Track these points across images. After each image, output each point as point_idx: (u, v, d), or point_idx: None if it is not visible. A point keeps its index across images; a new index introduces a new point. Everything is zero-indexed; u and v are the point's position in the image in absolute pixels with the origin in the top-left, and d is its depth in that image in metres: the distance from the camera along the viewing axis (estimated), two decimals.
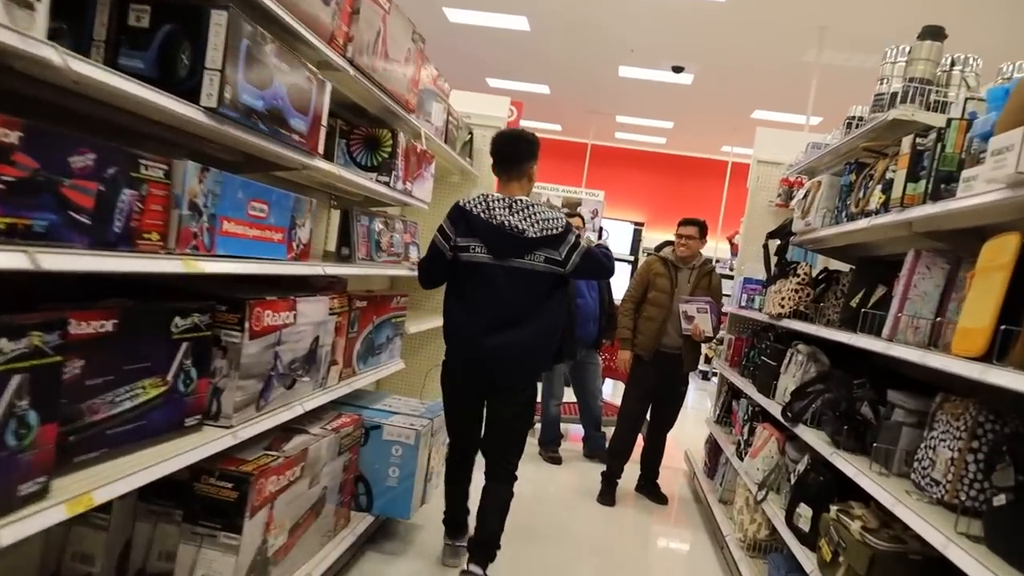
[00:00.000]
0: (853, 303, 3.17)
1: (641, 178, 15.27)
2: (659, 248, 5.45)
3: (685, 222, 5.24)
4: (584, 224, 5.95)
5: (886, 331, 2.65)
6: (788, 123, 12.18)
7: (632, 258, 13.81)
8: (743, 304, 5.02)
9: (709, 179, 14.56)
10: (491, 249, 3.41)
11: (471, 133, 5.63)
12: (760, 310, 4.55)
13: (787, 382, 3.73)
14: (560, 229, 3.43)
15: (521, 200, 3.46)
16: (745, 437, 4.33)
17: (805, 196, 3.73)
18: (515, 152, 3.55)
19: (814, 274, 3.88)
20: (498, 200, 3.46)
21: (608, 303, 5.99)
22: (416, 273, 3.86)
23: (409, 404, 4.13)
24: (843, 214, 3.30)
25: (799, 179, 5.45)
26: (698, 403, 9.26)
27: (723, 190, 13.33)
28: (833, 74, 9.19)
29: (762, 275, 5.38)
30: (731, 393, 5.30)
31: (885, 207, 2.85)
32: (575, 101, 12.89)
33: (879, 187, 2.90)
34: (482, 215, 3.44)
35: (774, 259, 4.33)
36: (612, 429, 5.44)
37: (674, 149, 15.18)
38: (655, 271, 5.33)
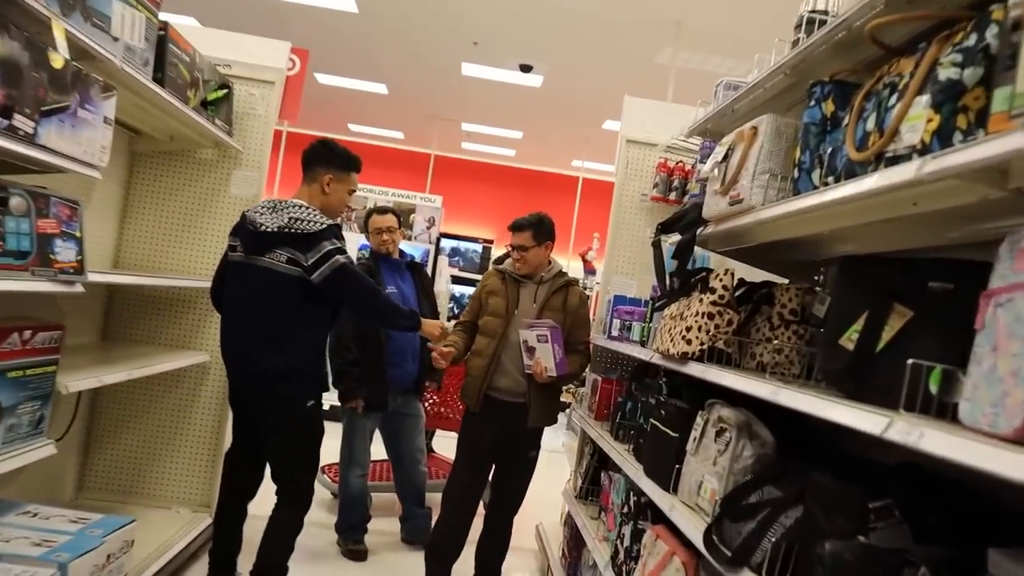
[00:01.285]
0: (847, 339, 1.56)
1: (490, 192, 13.67)
2: (500, 260, 3.74)
3: (515, 226, 3.54)
4: (400, 228, 4.16)
5: (967, 410, 1.03)
6: None
7: (479, 278, 12.14)
8: (614, 334, 3.38)
9: (560, 194, 13.17)
10: (244, 246, 3.06)
11: (228, 88, 3.70)
12: (643, 343, 2.92)
13: (702, 470, 2.08)
14: (311, 229, 2.95)
15: (288, 201, 3.06)
16: (626, 542, 2.65)
17: (725, 158, 2.11)
18: (307, 155, 3.21)
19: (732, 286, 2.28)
20: (273, 201, 3.09)
21: None
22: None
23: (60, 518, 2.17)
24: (818, 172, 1.69)
25: (679, 164, 3.88)
26: (557, 461, 6.66)
27: (574, 206, 11.96)
28: (690, 79, 7.93)
29: (635, 292, 3.76)
30: (598, 458, 3.65)
31: (940, 136, 1.26)
32: (416, 104, 11.11)
33: (926, 99, 1.31)
34: (247, 213, 3.10)
35: (670, 266, 2.65)
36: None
37: (524, 163, 13.71)
38: (488, 288, 3.60)
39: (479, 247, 12.99)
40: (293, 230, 2.92)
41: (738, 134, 2.08)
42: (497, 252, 13.37)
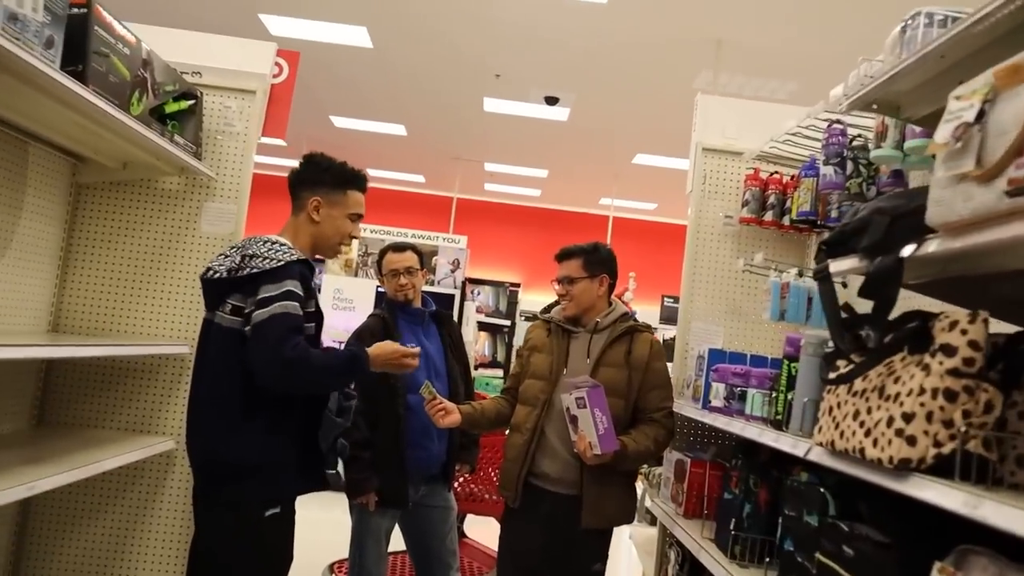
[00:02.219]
0: None
1: (515, 235, 12.75)
2: (548, 308, 2.79)
3: (562, 254, 2.65)
4: (423, 269, 3.22)
5: None
6: (675, 168, 10.04)
7: (508, 324, 11.16)
8: (714, 404, 2.34)
9: (589, 234, 12.13)
10: (204, 300, 2.23)
11: (194, 98, 2.81)
12: (778, 424, 1.88)
13: None
14: (263, 267, 2.05)
15: (257, 237, 2.19)
16: None
17: (979, 119, 1.14)
18: (290, 178, 2.32)
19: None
20: (245, 240, 2.23)
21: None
22: None
23: None
24: None
25: (774, 176, 2.91)
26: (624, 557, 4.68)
27: None
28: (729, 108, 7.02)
29: (721, 342, 2.77)
30: (691, 568, 2.61)
31: None
32: (437, 144, 10.29)
33: None
34: None
35: (846, 310, 1.59)
36: None
37: (550, 203, 12.80)
38: (531, 343, 2.65)
39: (504, 291, 12.05)
40: (243, 271, 2.08)
41: (1009, 72, 1.11)
42: (525, 296, 12.42)
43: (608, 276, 2.62)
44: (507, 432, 2.65)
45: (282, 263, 2.05)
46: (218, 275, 2.11)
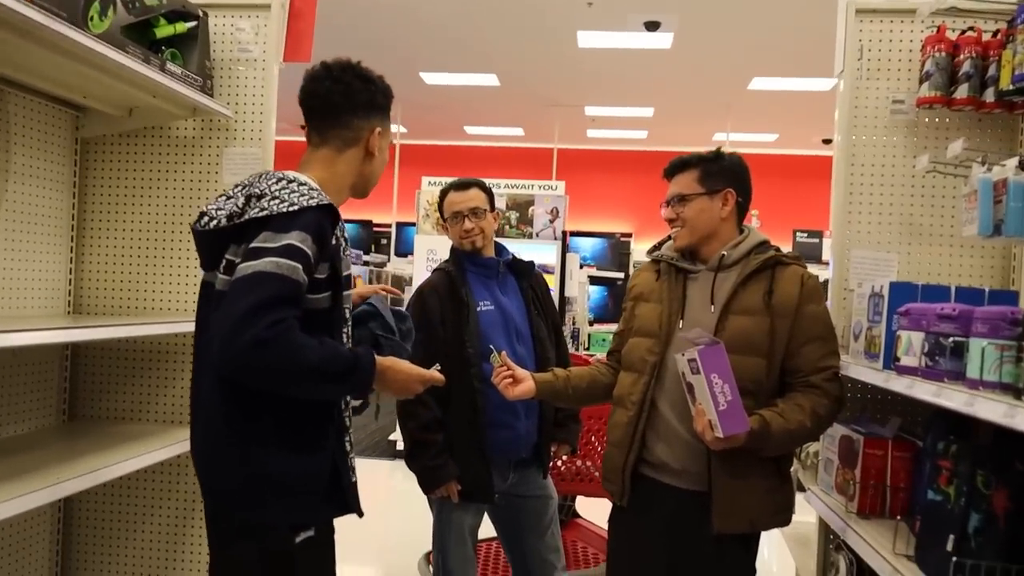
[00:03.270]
0: None
1: (623, 182, 11.84)
2: (654, 248, 2.07)
3: (672, 167, 1.95)
4: (493, 211, 2.57)
5: None
6: (799, 91, 8.82)
7: (621, 275, 10.37)
8: (906, 362, 1.54)
9: None
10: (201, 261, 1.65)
11: (197, 18, 2.26)
12: (1019, 389, 1.12)
13: None
14: (275, 210, 1.47)
15: (271, 174, 1.59)
16: None
17: None
18: (325, 98, 1.64)
19: None
20: (252, 177, 1.62)
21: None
22: None
23: None
24: None
25: (968, 34, 2.03)
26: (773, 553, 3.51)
27: None
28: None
29: (895, 272, 1.97)
30: None
31: None
32: (533, 92, 9.53)
33: None
34: None
35: None
36: None
37: (658, 144, 11.76)
38: (636, 291, 1.96)
39: (607, 243, 11.25)
40: (247, 217, 1.49)
41: None
42: (638, 246, 11.53)
43: (735, 192, 1.88)
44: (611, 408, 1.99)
45: (295, 207, 1.46)
46: (215, 222, 1.54)
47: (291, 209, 1.45)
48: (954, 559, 1.31)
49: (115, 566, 2.47)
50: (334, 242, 1.52)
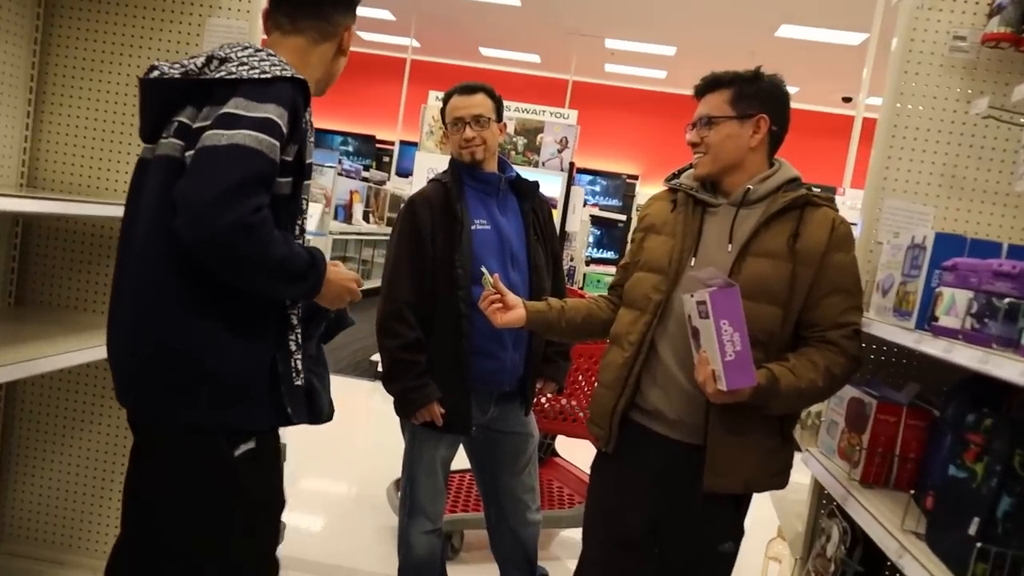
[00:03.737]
0: None
1: (636, 122, 11.46)
2: (672, 176, 1.86)
3: (705, 85, 1.70)
4: (500, 122, 2.34)
5: None
6: (826, 42, 8.43)
7: (624, 219, 10.14)
8: (947, 324, 1.36)
9: None
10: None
11: None
12: None
13: None
14: (242, 75, 1.30)
15: (233, 43, 1.42)
16: None
17: None
18: None
19: None
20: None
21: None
22: None
23: None
24: None
25: None
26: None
27: None
28: None
29: (931, 223, 1.78)
30: (861, 558, 1.73)
31: None
32: (553, 16, 9.08)
33: None
34: None
35: None
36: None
37: (676, 86, 11.34)
38: (648, 221, 1.75)
39: (615, 184, 10.98)
40: (209, 76, 1.33)
41: None
42: (643, 190, 11.23)
43: (769, 118, 1.66)
44: (606, 346, 1.82)
45: (268, 76, 1.29)
46: (167, 75, 1.35)
47: (264, 76, 1.27)
48: (978, 544, 1.16)
49: (57, 465, 2.31)
50: (303, 125, 1.34)
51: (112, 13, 2.18)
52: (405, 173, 9.65)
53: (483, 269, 1.80)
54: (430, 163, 5.53)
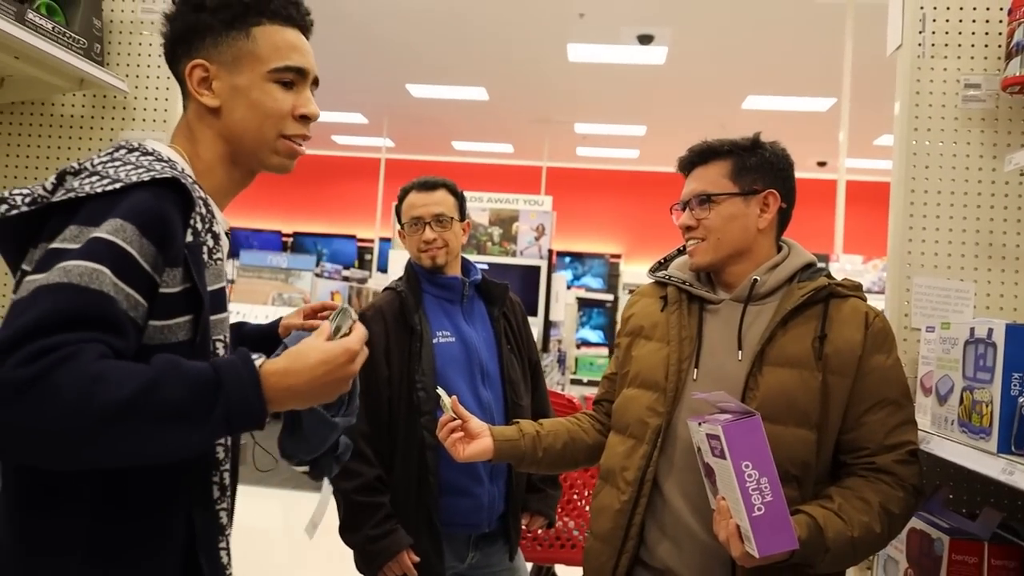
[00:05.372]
0: None
1: (613, 202, 11.33)
2: (658, 266, 1.53)
3: (697, 156, 1.37)
4: (464, 221, 2.03)
5: None
6: (794, 111, 8.39)
7: (611, 298, 9.85)
8: (1001, 433, 1.01)
9: None
10: None
11: None
12: None
13: None
14: (82, 191, 0.89)
15: (117, 144, 1.01)
16: None
17: None
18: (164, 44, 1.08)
19: None
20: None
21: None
22: None
23: None
24: None
25: None
26: None
27: None
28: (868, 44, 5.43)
29: (972, 307, 1.44)
30: None
31: None
32: (522, 107, 9.06)
33: None
34: None
35: None
36: None
37: (650, 164, 11.27)
38: (634, 322, 1.38)
39: (600, 264, 10.76)
40: (54, 199, 0.93)
41: None
42: (628, 268, 10.98)
43: (779, 195, 1.35)
44: (596, 481, 1.44)
45: (118, 184, 0.91)
46: (16, 211, 0.95)
47: (110, 188, 0.90)
48: None
49: None
50: (191, 238, 0.95)
51: (15, 131, 1.89)
52: (386, 269, 9.45)
53: (439, 390, 1.45)
54: (405, 260, 5.25)
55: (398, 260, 5.26)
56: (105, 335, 0.83)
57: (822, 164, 10.32)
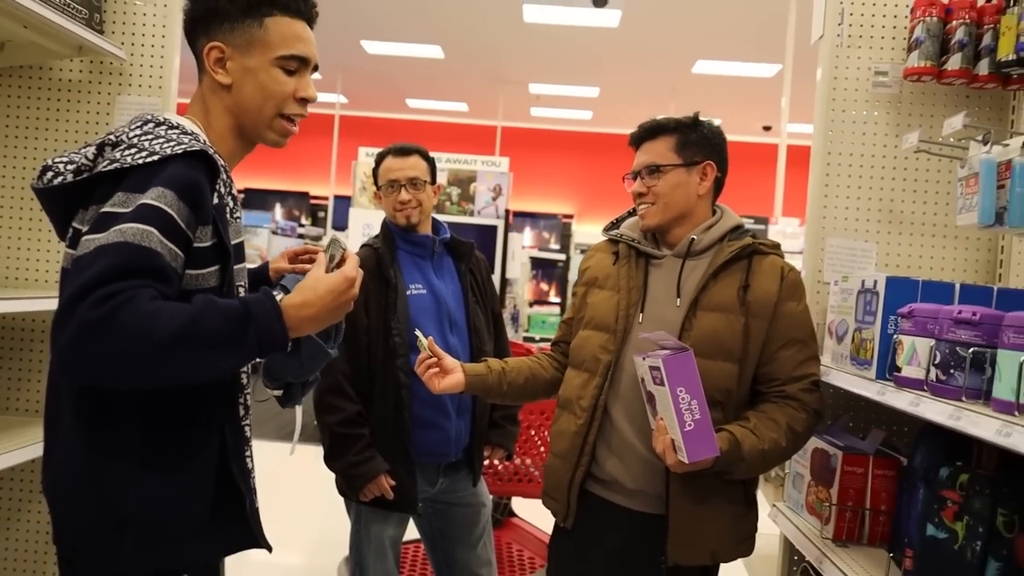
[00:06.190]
0: None
1: (567, 163, 11.56)
2: (614, 223, 1.77)
3: (645, 132, 1.62)
4: (434, 184, 2.22)
5: None
6: (742, 76, 8.69)
7: (563, 258, 10.12)
8: (901, 371, 1.30)
9: None
10: None
11: None
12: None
13: None
14: (126, 162, 1.07)
15: (143, 117, 1.18)
16: None
17: None
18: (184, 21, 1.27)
19: None
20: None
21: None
22: None
23: None
24: None
25: None
26: None
27: None
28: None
29: (874, 263, 1.73)
30: None
31: None
32: (477, 66, 9.14)
33: None
34: None
35: None
36: None
37: (603, 126, 11.51)
38: (590, 274, 1.66)
39: (556, 223, 11.01)
40: (98, 169, 1.11)
41: None
42: (580, 228, 11.27)
43: (715, 165, 1.60)
44: (555, 410, 1.70)
45: (156, 157, 1.08)
46: (60, 178, 1.13)
47: (150, 160, 1.07)
48: None
49: None
50: (216, 200, 1.13)
51: (15, 96, 2.00)
52: (341, 227, 9.47)
53: (417, 332, 1.67)
54: (364, 218, 5.40)
55: (359, 218, 5.42)
56: (155, 283, 1.03)
57: (767, 128, 10.69)
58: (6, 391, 2.05)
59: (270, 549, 1.25)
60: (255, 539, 1.23)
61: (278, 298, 1.10)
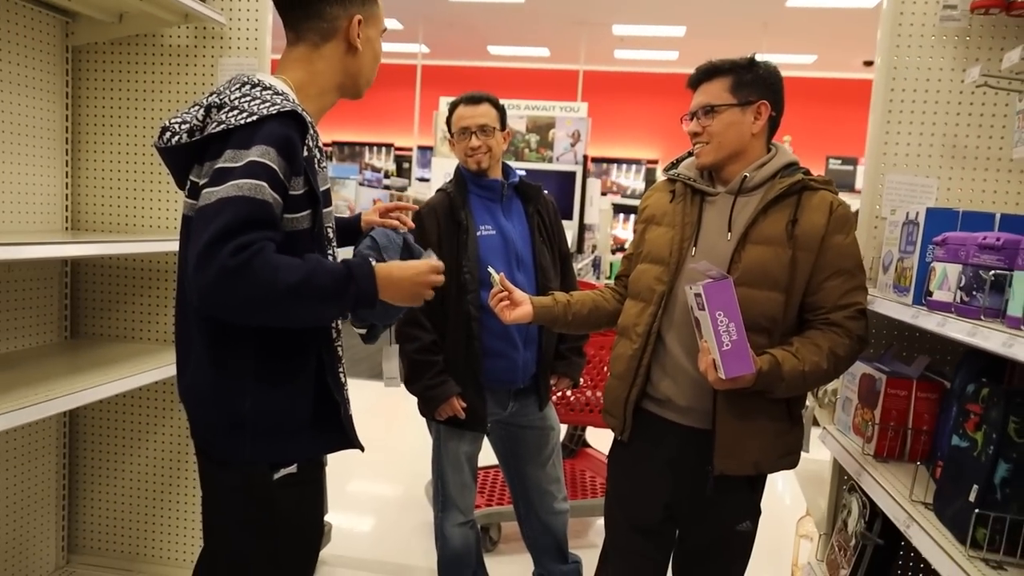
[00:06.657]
0: None
1: (652, 106, 11.39)
2: (671, 166, 1.90)
3: (701, 74, 1.75)
4: (504, 131, 2.39)
5: None
6: (840, 7, 8.29)
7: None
8: (939, 298, 1.40)
9: None
10: None
11: None
12: None
13: None
14: (234, 122, 1.30)
15: (240, 78, 1.40)
16: None
17: None
18: None
19: None
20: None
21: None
22: None
23: None
24: None
25: None
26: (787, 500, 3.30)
27: None
28: None
29: (934, 198, 1.79)
30: (880, 530, 1.76)
31: None
32: (558, 8, 9.09)
33: None
34: None
35: None
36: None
37: (690, 66, 11.24)
38: (648, 212, 1.80)
39: (640, 169, 10.97)
40: (208, 131, 1.33)
41: None
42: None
43: (769, 105, 1.69)
44: (615, 340, 1.87)
45: (254, 118, 1.29)
46: (177, 138, 1.38)
47: (250, 120, 1.28)
48: (976, 511, 1.19)
49: (120, 481, 2.47)
50: (306, 153, 1.33)
51: (132, 61, 2.30)
52: (423, 178, 9.76)
53: (489, 268, 1.87)
54: (446, 167, 5.62)
55: (441, 167, 5.63)
56: (271, 232, 1.26)
57: (869, 64, 10.18)
58: (140, 323, 2.40)
59: (362, 449, 1.50)
60: (350, 441, 1.48)
61: (373, 263, 1.36)
